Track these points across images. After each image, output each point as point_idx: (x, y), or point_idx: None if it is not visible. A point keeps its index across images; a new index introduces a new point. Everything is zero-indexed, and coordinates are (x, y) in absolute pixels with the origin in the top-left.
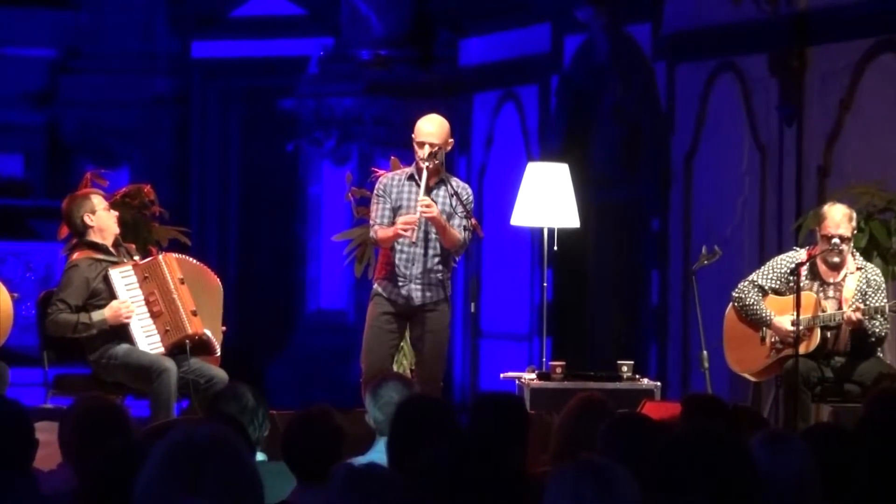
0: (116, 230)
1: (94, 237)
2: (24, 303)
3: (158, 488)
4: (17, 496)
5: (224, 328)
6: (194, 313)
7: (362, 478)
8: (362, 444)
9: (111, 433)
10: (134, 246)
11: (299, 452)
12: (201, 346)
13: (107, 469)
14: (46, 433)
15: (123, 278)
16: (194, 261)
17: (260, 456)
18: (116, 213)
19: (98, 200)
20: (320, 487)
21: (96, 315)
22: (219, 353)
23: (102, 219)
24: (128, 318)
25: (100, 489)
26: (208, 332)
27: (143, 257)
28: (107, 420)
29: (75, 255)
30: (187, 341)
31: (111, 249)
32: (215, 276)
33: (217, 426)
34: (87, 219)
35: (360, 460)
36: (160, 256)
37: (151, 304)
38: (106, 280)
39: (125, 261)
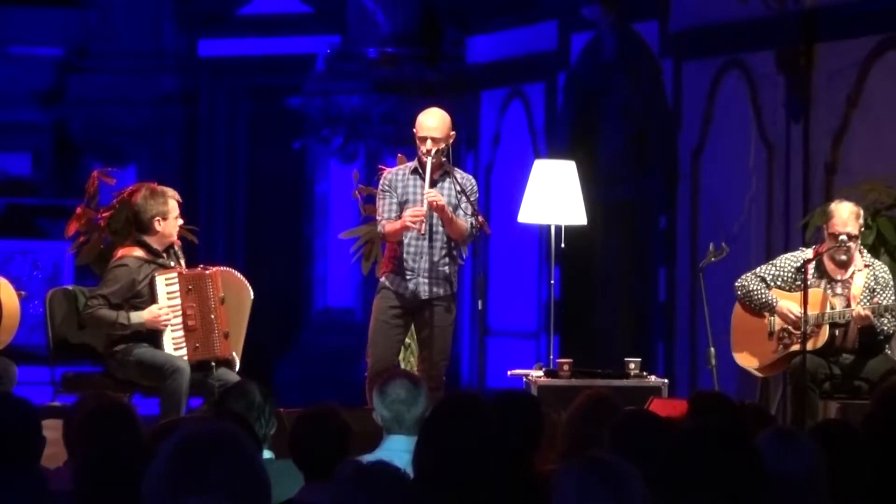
0: (175, 239)
1: (151, 240)
2: (32, 301)
3: (166, 486)
4: (25, 493)
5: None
6: (226, 336)
7: (368, 475)
8: (370, 441)
9: (117, 431)
10: (181, 243)
11: (306, 450)
12: (223, 361)
13: (110, 466)
14: (53, 431)
15: (167, 285)
16: (237, 273)
17: (267, 454)
18: (181, 222)
19: (174, 206)
20: (327, 485)
21: (135, 317)
22: (237, 370)
23: (170, 226)
24: (165, 326)
25: (103, 486)
26: (235, 355)
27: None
28: (113, 418)
29: (122, 251)
30: (213, 362)
31: (162, 254)
32: (250, 291)
33: (224, 424)
34: (156, 223)
35: (367, 458)
36: (208, 272)
37: (188, 318)
38: (151, 284)
39: (172, 264)
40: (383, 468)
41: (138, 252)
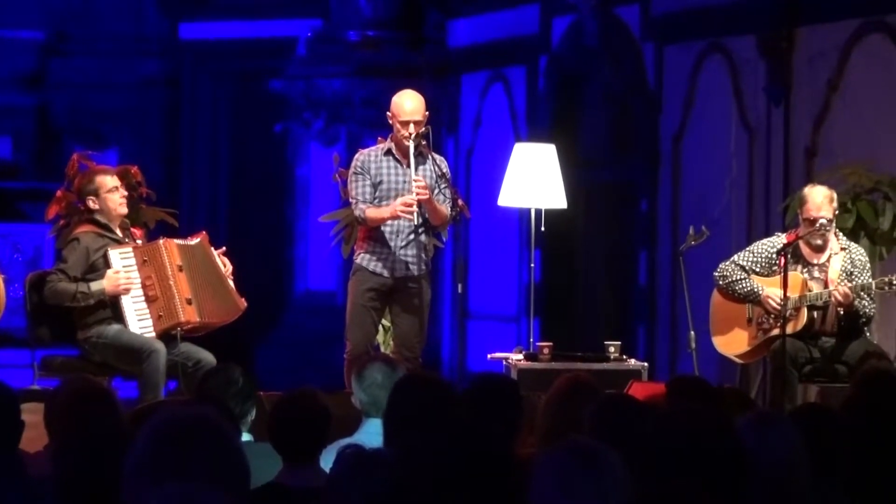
0: (123, 212)
1: (99, 217)
2: (12, 284)
3: (145, 471)
4: (3, 477)
5: (229, 269)
6: (189, 301)
7: (366, 461)
8: (350, 425)
9: (98, 414)
10: (141, 231)
11: (286, 434)
12: (198, 329)
13: (90, 450)
14: (34, 415)
15: (122, 259)
16: (183, 241)
17: (246, 436)
18: (126, 194)
19: (102, 182)
20: (307, 468)
21: (95, 285)
22: (242, 301)
23: (107, 202)
24: (126, 289)
25: (83, 470)
26: (199, 319)
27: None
28: (93, 401)
29: (79, 229)
30: (179, 329)
31: (116, 230)
32: (197, 237)
33: (203, 408)
34: (91, 203)
35: (346, 442)
36: (161, 242)
37: (147, 289)
38: (105, 258)
39: (127, 241)
40: (379, 456)
41: (92, 228)
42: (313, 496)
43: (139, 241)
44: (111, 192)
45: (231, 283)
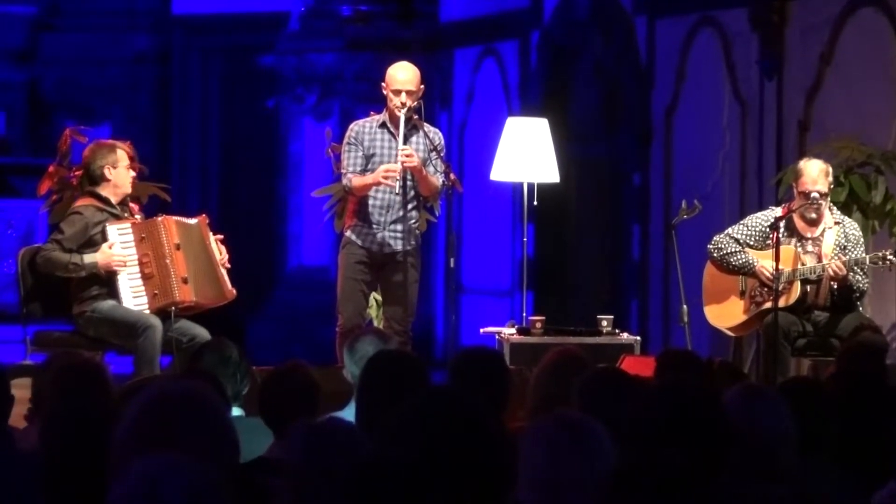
0: (129, 190)
1: (104, 191)
2: (5, 260)
3: (134, 443)
4: None
5: (225, 257)
6: (185, 280)
7: (321, 435)
8: (340, 399)
9: (86, 390)
10: (138, 206)
11: (275, 408)
12: (192, 308)
13: (78, 425)
14: (25, 390)
15: (120, 235)
16: (181, 219)
17: (236, 411)
18: (134, 174)
19: (122, 155)
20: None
21: (88, 257)
22: (231, 291)
23: (121, 175)
24: (118, 266)
25: (71, 445)
26: (194, 298)
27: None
28: (82, 376)
29: (80, 202)
30: (173, 308)
31: (116, 206)
32: (196, 219)
33: (192, 382)
34: (106, 171)
35: (338, 415)
36: (160, 219)
37: (144, 266)
38: (103, 233)
39: (126, 216)
40: (337, 426)
41: (92, 201)
42: None
43: (137, 217)
44: (128, 168)
45: (224, 271)
